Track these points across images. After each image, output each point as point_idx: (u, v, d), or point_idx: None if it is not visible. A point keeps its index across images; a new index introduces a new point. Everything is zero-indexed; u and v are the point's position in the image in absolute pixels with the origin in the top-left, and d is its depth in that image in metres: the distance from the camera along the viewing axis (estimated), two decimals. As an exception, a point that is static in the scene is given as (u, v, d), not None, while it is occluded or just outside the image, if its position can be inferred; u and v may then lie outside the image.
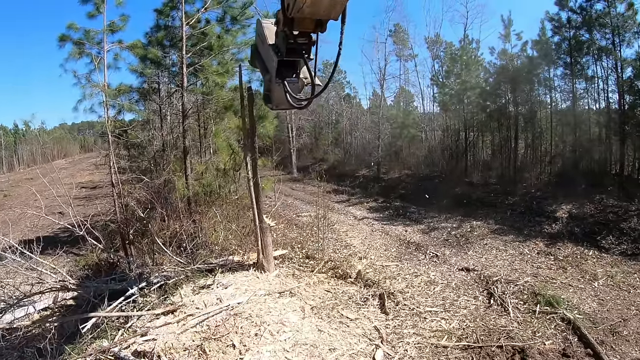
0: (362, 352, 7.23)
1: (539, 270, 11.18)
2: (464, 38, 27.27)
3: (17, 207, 28.09)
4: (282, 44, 4.88)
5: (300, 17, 4.13)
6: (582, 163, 19.36)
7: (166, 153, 14.29)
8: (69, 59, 13.96)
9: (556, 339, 7.54)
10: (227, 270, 10.19)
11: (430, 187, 22.02)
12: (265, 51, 5.52)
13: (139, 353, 7.37)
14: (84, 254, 13.29)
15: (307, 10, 3.84)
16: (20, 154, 75.13)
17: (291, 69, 5.02)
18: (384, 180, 27.66)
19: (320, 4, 3.72)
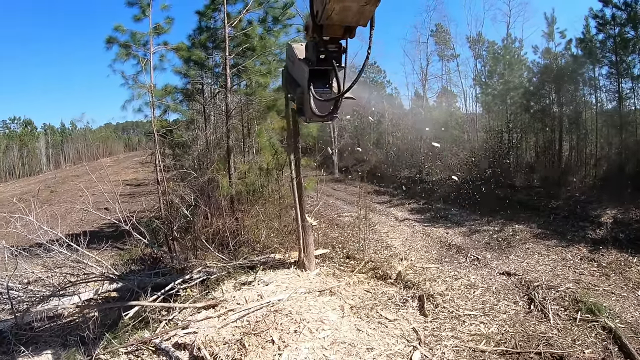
0: (399, 353, 7.23)
1: (582, 277, 10.89)
2: (506, 37, 26.71)
3: (63, 202, 29.11)
4: (312, 54, 4.96)
5: (329, 24, 4.32)
6: (628, 166, 18.72)
7: (210, 152, 14.57)
8: (117, 60, 14.42)
9: (596, 347, 7.36)
10: (268, 268, 10.32)
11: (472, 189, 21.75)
12: (296, 68, 5.60)
13: (180, 345, 7.56)
14: (128, 248, 13.68)
15: (336, 17, 4.12)
16: (67, 152, 77.76)
17: (323, 79, 5.08)
18: (425, 182, 27.44)
19: (348, 11, 4.03)
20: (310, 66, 4.91)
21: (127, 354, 7.79)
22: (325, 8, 4.03)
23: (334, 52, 4.71)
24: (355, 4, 3.93)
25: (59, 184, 41.92)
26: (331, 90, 5.00)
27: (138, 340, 7.95)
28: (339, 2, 3.90)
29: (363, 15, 4.16)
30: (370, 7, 4.03)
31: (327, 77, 5.05)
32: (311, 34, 4.76)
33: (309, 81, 4.96)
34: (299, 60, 5.28)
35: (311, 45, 4.89)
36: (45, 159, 72.25)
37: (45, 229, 10.63)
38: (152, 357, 7.65)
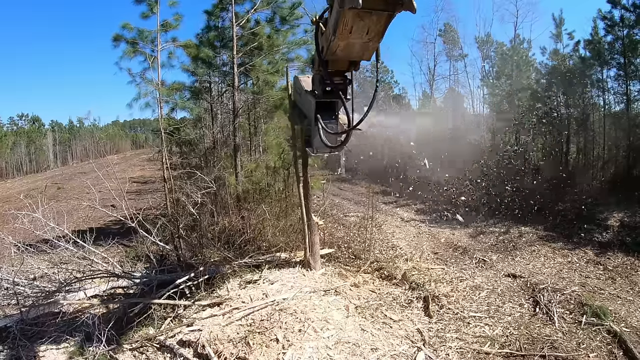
0: (403, 353, 7.27)
1: (587, 280, 10.87)
2: (514, 38, 26.61)
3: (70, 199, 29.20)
4: (318, 87, 5.10)
5: (334, 59, 4.51)
6: (636, 169, 18.62)
7: (216, 150, 14.61)
8: (124, 57, 14.45)
9: (601, 351, 7.37)
10: (273, 267, 10.40)
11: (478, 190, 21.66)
12: (303, 100, 5.76)
13: (184, 342, 7.66)
14: (134, 245, 13.72)
15: (341, 53, 4.30)
16: (74, 149, 78.12)
17: (329, 111, 5.21)
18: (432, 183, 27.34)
19: (352, 47, 4.21)
20: (317, 98, 5.08)
21: (131, 350, 7.91)
22: (330, 44, 4.23)
23: (339, 84, 4.84)
24: (359, 41, 4.10)
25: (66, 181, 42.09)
26: (337, 122, 5.15)
27: (143, 337, 8.02)
28: (343, 39, 4.07)
29: (367, 51, 4.35)
30: (373, 44, 4.21)
31: (334, 109, 5.20)
32: (317, 68, 4.93)
33: (316, 113, 5.10)
34: (306, 93, 5.44)
35: (317, 78, 5.07)
36: (53, 155, 72.59)
37: (52, 226, 10.67)
38: (156, 354, 7.74)
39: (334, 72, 4.74)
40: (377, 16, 3.83)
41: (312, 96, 5.15)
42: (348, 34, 3.98)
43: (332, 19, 4.06)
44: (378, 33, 4.06)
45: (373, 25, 3.92)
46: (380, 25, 3.97)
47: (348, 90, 4.90)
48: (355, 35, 4.01)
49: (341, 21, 3.86)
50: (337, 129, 5.12)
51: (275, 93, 14.30)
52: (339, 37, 4.05)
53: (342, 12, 3.74)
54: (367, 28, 3.94)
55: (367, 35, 4.01)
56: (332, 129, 5.06)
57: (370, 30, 3.98)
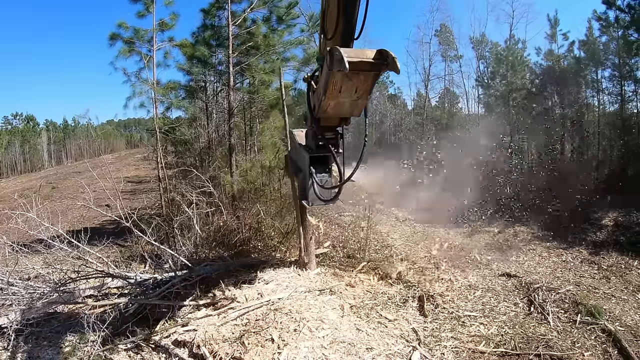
0: (399, 353, 7.25)
1: (582, 279, 10.91)
2: (509, 38, 26.71)
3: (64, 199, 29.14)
4: (311, 141, 5.34)
5: (325, 117, 4.74)
6: (630, 169, 18.69)
7: (212, 150, 14.60)
8: (119, 56, 14.50)
9: (595, 350, 7.36)
10: (268, 266, 10.34)
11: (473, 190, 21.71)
12: (297, 154, 5.94)
13: (179, 342, 7.61)
14: (129, 245, 13.70)
15: (331, 111, 4.53)
16: (69, 149, 77.86)
17: (323, 164, 5.38)
18: (426, 182, 27.39)
19: (342, 105, 4.44)
20: (310, 153, 5.28)
21: (126, 350, 7.82)
22: (321, 103, 4.44)
23: (331, 139, 5.09)
24: (348, 99, 4.32)
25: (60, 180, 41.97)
26: (331, 175, 5.33)
27: (138, 337, 7.96)
28: (333, 98, 4.29)
29: (356, 108, 4.57)
30: (362, 101, 4.46)
31: (327, 162, 5.39)
32: (310, 124, 5.14)
33: (310, 167, 5.27)
34: (300, 147, 5.64)
35: (310, 133, 5.31)
36: (47, 155, 72.38)
37: (46, 225, 10.61)
38: (151, 354, 7.68)
39: (326, 127, 4.98)
40: (364, 76, 4.06)
41: (306, 151, 5.36)
42: (338, 93, 4.20)
43: (322, 80, 4.30)
44: (366, 91, 4.32)
45: (361, 84, 4.16)
46: (367, 84, 4.23)
47: (340, 144, 5.16)
48: (345, 95, 4.23)
49: (331, 82, 4.09)
50: (331, 181, 5.34)
51: (270, 92, 14.30)
52: (329, 97, 4.26)
53: (332, 73, 3.97)
54: (355, 87, 4.17)
55: (355, 93, 4.24)
56: (326, 182, 5.28)
57: (359, 89, 4.21)
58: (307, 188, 5.45)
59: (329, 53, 3.95)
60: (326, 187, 5.29)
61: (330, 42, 4.31)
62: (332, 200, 5.48)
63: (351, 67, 3.67)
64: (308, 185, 5.40)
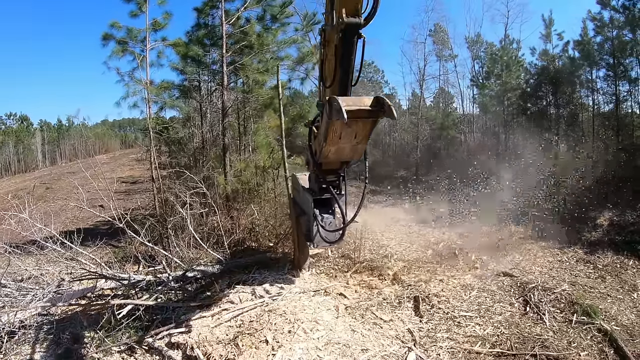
0: (394, 354, 7.24)
1: (577, 279, 10.88)
2: (504, 38, 26.83)
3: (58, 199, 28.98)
4: (314, 184, 5.58)
5: (327, 161, 4.97)
6: (625, 169, 18.74)
7: (206, 150, 14.55)
8: (112, 56, 14.44)
9: (592, 350, 7.39)
10: (263, 267, 10.35)
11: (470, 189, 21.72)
12: (301, 197, 6.14)
13: (173, 344, 7.60)
14: (123, 246, 13.62)
15: (332, 157, 4.78)
16: (63, 149, 77.53)
17: (326, 206, 5.55)
18: (422, 182, 27.41)
19: (343, 151, 4.69)
20: (313, 196, 5.59)
21: (120, 352, 7.80)
22: (322, 149, 4.68)
23: (333, 181, 5.42)
24: (348, 145, 4.57)
25: (54, 181, 41.73)
26: (335, 216, 5.53)
27: (131, 339, 7.93)
28: (334, 144, 4.56)
29: (356, 152, 4.84)
30: (361, 146, 4.68)
31: (331, 204, 5.59)
32: (312, 168, 5.30)
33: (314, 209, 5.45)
34: (304, 190, 5.84)
35: (313, 177, 5.59)
36: (41, 155, 71.98)
37: (39, 227, 10.52)
38: (145, 356, 7.67)
39: (328, 170, 5.26)
40: (363, 122, 4.30)
41: (310, 194, 5.63)
42: (338, 139, 4.45)
43: (323, 128, 4.53)
44: (365, 136, 4.53)
45: (360, 130, 4.40)
46: (366, 130, 4.46)
47: (342, 186, 5.48)
48: (345, 140, 4.47)
49: (331, 130, 4.34)
50: (335, 222, 5.54)
51: (265, 92, 14.25)
52: (329, 143, 4.52)
53: (331, 122, 4.21)
54: (354, 133, 4.41)
55: (355, 139, 4.49)
56: (330, 224, 5.48)
57: (358, 135, 4.45)
58: (312, 230, 5.63)
59: (328, 103, 4.12)
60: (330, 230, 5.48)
61: (329, 90, 4.48)
62: (337, 241, 5.68)
63: (349, 115, 3.86)
64: (312, 227, 5.58)
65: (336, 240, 5.63)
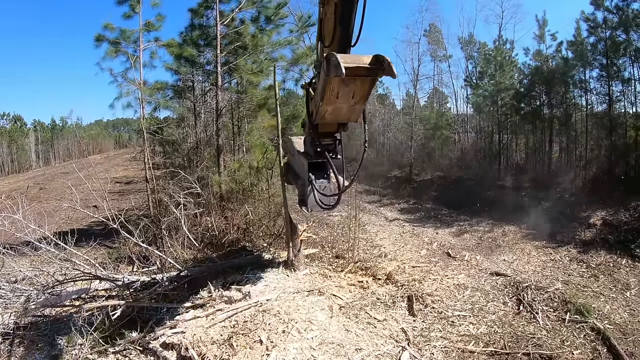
0: (388, 353, 7.25)
1: (571, 278, 10.97)
2: (498, 38, 26.89)
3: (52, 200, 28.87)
4: (310, 148, 5.39)
5: (323, 122, 4.81)
6: (617, 168, 18.84)
7: (200, 150, 14.56)
8: (105, 57, 14.46)
9: (585, 348, 7.42)
10: (257, 267, 10.34)
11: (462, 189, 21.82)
12: (296, 161, 6.02)
13: (168, 345, 7.56)
14: (117, 246, 13.58)
15: (329, 117, 4.62)
16: (57, 149, 77.25)
17: (322, 170, 5.42)
18: (415, 182, 27.52)
19: (340, 111, 4.51)
20: (308, 159, 5.37)
21: (114, 353, 7.73)
22: (319, 109, 4.50)
23: (329, 145, 5.20)
24: (345, 105, 4.39)
25: (48, 181, 41.54)
26: (330, 181, 5.38)
27: (126, 340, 7.89)
28: (331, 103, 4.36)
29: (354, 113, 4.65)
30: (359, 106, 4.51)
31: (326, 168, 5.42)
32: (308, 131, 5.22)
33: (309, 173, 5.32)
34: (299, 154, 5.74)
35: (309, 140, 5.38)
36: (35, 155, 71.68)
37: (33, 227, 10.48)
38: (139, 357, 7.62)
39: (324, 133, 5.08)
40: (361, 81, 4.11)
41: (305, 157, 5.45)
42: (335, 99, 4.26)
43: (320, 86, 4.34)
44: (363, 96, 4.35)
45: (358, 89, 4.20)
46: (364, 90, 4.26)
47: (338, 150, 5.25)
48: (342, 100, 4.28)
49: (328, 88, 4.15)
50: (330, 187, 5.39)
51: (259, 92, 14.28)
52: (326, 102, 4.33)
53: (329, 79, 4.02)
54: (352, 93, 4.22)
55: (352, 99, 4.30)
56: (325, 188, 5.33)
57: (356, 95, 4.26)
58: (307, 194, 5.49)
59: (325, 59, 3.99)
60: (326, 195, 5.33)
61: (328, 50, 4.36)
62: (332, 207, 5.52)
63: (348, 72, 3.71)
64: (307, 191, 5.44)
65: (331, 206, 5.50)
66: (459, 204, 20.03)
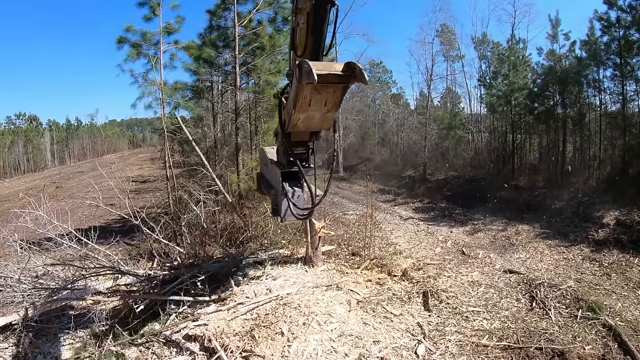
0: (404, 346, 7.43)
1: (583, 276, 11.02)
2: (511, 38, 26.77)
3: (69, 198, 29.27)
4: (282, 157, 5.42)
5: (295, 131, 4.85)
6: (631, 168, 18.74)
7: (218, 149, 14.77)
8: (127, 59, 14.72)
9: (596, 344, 7.50)
10: (276, 263, 10.55)
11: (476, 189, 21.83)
12: (269, 171, 6.09)
13: (190, 337, 7.76)
14: (136, 243, 13.83)
15: (302, 125, 4.67)
16: (72, 149, 78.01)
17: (295, 179, 5.52)
18: (429, 181, 27.53)
19: (312, 119, 4.58)
20: (281, 169, 5.37)
21: (137, 345, 7.96)
22: (291, 117, 4.56)
23: (302, 154, 5.21)
24: (318, 112, 4.45)
25: (64, 180, 42.11)
26: (303, 190, 5.43)
27: (148, 332, 8.11)
28: (303, 111, 4.41)
29: (326, 121, 4.73)
30: (331, 114, 4.58)
31: (299, 179, 5.47)
32: (281, 140, 5.26)
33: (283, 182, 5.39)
34: (272, 163, 5.71)
35: (281, 149, 5.37)
36: (50, 154, 72.46)
37: (56, 224, 10.72)
38: (162, 349, 7.83)
39: (297, 142, 5.09)
40: (333, 88, 4.18)
41: (278, 167, 5.43)
42: (307, 106, 4.31)
43: (292, 94, 4.40)
44: (335, 104, 4.41)
45: (330, 97, 4.27)
46: (336, 97, 4.32)
47: (310, 159, 5.27)
48: (314, 108, 4.34)
49: (300, 95, 4.19)
50: (304, 196, 5.41)
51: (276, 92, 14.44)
52: (299, 110, 4.38)
53: (301, 87, 4.06)
54: (324, 100, 4.28)
55: (325, 106, 4.36)
56: (299, 197, 5.37)
57: (328, 102, 4.32)
58: (280, 204, 5.55)
59: (298, 67, 4.04)
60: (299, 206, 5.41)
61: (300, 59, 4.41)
62: (305, 217, 5.59)
63: (319, 79, 3.77)
64: (281, 201, 5.50)
65: (304, 216, 5.59)
66: (473, 203, 20.05)
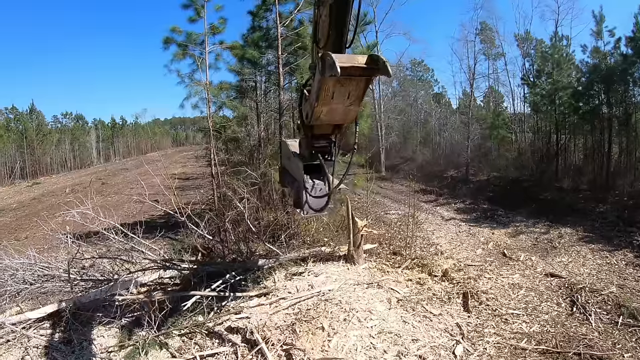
0: (443, 345, 7.47)
1: (626, 282, 10.77)
2: (554, 35, 26.23)
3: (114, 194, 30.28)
4: (305, 150, 5.38)
5: (318, 124, 4.82)
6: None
7: (262, 147, 15.07)
8: (174, 60, 15.19)
9: (636, 352, 7.36)
10: (318, 260, 10.73)
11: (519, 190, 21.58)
12: (291, 163, 6.10)
13: (233, 329, 7.96)
14: (180, 238, 14.24)
15: (324, 118, 4.60)
16: (117, 146, 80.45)
17: (318, 172, 5.55)
18: (472, 182, 27.32)
19: (335, 112, 4.52)
20: (304, 162, 5.30)
21: (180, 336, 8.22)
22: (314, 110, 4.49)
23: (324, 147, 5.13)
24: (341, 106, 4.38)
25: (109, 177, 43.43)
26: (326, 183, 5.45)
27: (192, 324, 8.36)
28: (326, 104, 4.35)
29: (348, 115, 4.64)
30: (354, 107, 4.48)
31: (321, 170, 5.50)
32: (303, 134, 5.21)
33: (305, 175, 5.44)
34: (294, 156, 5.74)
35: (304, 142, 5.32)
36: (96, 152, 74.94)
37: (102, 219, 11.22)
38: (205, 340, 8.07)
39: (319, 135, 5.04)
40: (356, 81, 4.14)
41: (300, 159, 5.39)
42: (330, 99, 4.27)
43: (315, 87, 4.35)
44: (358, 97, 4.36)
45: (353, 90, 4.23)
46: (359, 90, 4.28)
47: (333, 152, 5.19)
48: (337, 101, 4.30)
49: (323, 88, 4.15)
50: (325, 189, 5.43)
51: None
52: (321, 103, 4.33)
53: (324, 79, 4.03)
54: (347, 93, 4.24)
55: (348, 99, 4.31)
56: (322, 190, 5.38)
57: (351, 95, 4.27)
58: (302, 197, 5.60)
59: (320, 59, 4.00)
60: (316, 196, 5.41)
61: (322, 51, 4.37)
62: (322, 209, 5.63)
63: (343, 72, 3.74)
64: (302, 194, 5.55)
65: (321, 209, 5.60)
66: (516, 204, 19.82)
